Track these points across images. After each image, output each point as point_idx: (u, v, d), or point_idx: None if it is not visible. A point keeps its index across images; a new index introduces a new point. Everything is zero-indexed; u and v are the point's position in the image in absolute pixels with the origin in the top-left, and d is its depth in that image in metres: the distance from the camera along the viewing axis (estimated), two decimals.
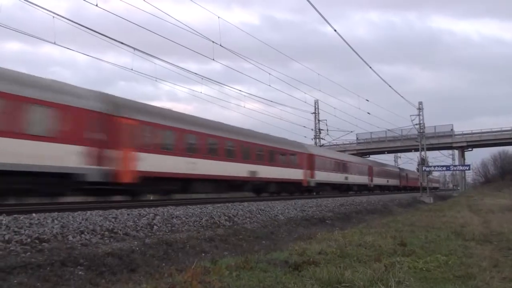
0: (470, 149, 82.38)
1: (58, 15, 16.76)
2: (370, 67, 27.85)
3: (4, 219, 8.94)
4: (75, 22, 17.04)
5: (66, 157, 15.74)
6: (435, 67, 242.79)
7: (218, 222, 12.89)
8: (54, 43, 17.80)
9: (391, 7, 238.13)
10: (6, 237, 7.63)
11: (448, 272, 7.09)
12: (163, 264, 7.96)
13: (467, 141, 78.82)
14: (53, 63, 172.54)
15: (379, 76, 30.87)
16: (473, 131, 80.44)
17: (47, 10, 16.41)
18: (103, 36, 17.99)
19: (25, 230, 8.25)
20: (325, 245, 9.55)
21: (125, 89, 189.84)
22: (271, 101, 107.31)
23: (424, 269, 7.33)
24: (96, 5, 16.95)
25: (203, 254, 9.10)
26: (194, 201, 20.34)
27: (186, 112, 28.51)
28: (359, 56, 23.40)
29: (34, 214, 9.95)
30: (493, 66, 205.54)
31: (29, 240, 7.75)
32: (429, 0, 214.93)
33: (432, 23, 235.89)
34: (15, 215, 9.53)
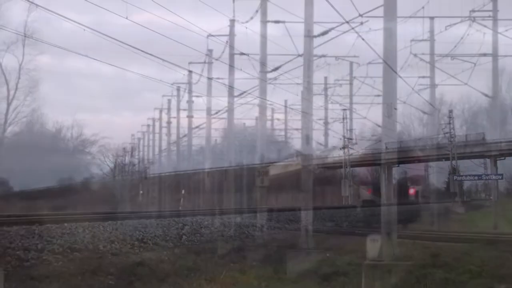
0: (503, 157, 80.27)
1: (88, 27, 17.02)
2: (398, 75, 27.50)
3: (37, 228, 9.08)
4: (105, 35, 17.26)
5: None
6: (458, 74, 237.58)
7: (247, 232, 12.86)
8: (86, 56, 18.03)
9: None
10: (39, 247, 7.76)
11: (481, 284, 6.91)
12: (192, 274, 7.96)
13: (500, 150, 76.89)
14: (78, 75, 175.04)
15: (407, 84, 30.44)
16: (506, 139, 78.32)
17: (77, 23, 16.67)
18: (130, 47, 18.14)
19: (57, 240, 8.38)
20: (354, 256, 9.42)
21: (149, 99, 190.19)
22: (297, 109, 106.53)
23: (456, 280, 7.16)
24: (126, 18, 17.19)
25: (232, 264, 9.07)
26: (223, 211, 20.31)
27: None
28: (386, 63, 23.07)
29: (65, 224, 10.08)
30: None
31: (61, 249, 7.85)
32: (444, 7, 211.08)
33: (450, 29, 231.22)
34: (47, 225, 9.66)
